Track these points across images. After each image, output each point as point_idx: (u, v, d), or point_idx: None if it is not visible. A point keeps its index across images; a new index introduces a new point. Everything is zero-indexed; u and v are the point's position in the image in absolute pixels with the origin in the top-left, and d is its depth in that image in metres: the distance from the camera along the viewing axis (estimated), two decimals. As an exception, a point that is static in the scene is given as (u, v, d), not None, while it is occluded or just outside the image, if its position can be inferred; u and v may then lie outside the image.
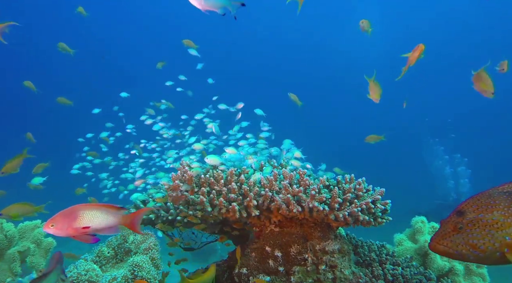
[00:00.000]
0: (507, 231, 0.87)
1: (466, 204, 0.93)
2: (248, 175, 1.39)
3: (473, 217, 0.91)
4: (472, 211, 0.92)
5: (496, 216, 0.89)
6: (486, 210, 0.91)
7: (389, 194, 1.43)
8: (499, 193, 0.93)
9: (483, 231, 0.89)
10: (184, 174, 1.35)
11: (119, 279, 1.25)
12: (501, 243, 0.87)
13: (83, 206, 0.93)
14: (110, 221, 0.93)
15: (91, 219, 0.91)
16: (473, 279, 1.74)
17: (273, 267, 1.29)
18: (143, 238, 1.47)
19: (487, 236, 0.88)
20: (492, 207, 0.91)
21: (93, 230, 0.92)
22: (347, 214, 1.24)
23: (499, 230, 0.88)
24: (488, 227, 0.89)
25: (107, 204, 0.94)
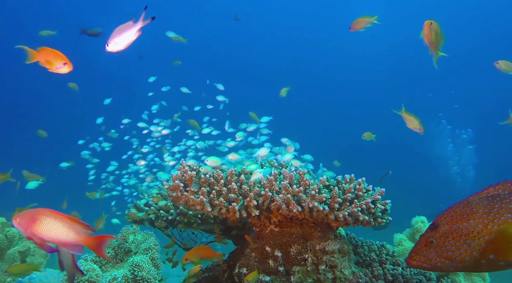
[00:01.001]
0: (488, 238, 0.86)
1: (441, 217, 0.93)
2: (250, 170, 1.40)
3: (446, 229, 0.90)
4: (446, 223, 0.92)
5: (473, 224, 0.88)
6: (461, 220, 0.90)
7: (391, 194, 1.43)
8: (480, 199, 0.93)
9: (458, 241, 0.88)
10: (184, 174, 1.35)
11: (119, 279, 1.25)
12: (483, 251, 0.86)
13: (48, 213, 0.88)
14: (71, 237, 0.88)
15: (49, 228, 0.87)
16: (473, 279, 1.74)
17: (273, 267, 1.29)
18: (143, 238, 1.47)
19: (462, 246, 0.87)
20: (468, 216, 0.90)
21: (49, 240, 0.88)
22: (347, 214, 1.24)
23: (476, 239, 0.87)
24: (464, 237, 0.88)
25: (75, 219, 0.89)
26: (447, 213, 0.92)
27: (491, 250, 0.85)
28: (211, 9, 13.68)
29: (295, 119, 12.56)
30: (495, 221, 0.86)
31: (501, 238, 0.85)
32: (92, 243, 0.91)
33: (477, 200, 0.92)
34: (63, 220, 0.88)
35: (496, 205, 0.88)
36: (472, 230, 0.87)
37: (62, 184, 4.92)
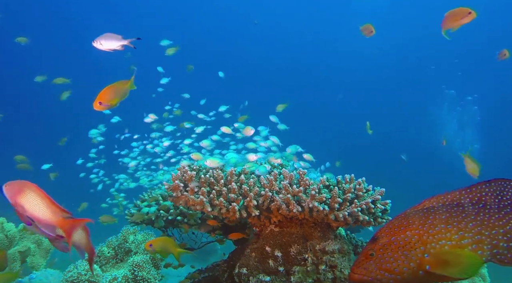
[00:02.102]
0: (424, 249, 0.88)
1: (380, 230, 0.94)
2: (251, 170, 1.40)
3: (385, 241, 0.92)
4: (385, 235, 0.93)
5: (409, 235, 0.90)
6: (398, 232, 0.92)
7: (391, 194, 1.43)
8: (416, 211, 0.95)
9: (396, 253, 0.90)
10: (184, 174, 1.35)
11: (119, 279, 1.25)
12: (420, 262, 0.87)
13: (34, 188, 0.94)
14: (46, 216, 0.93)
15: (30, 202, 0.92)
16: (473, 279, 1.74)
17: (273, 267, 1.29)
18: (143, 238, 1.47)
19: (400, 258, 0.89)
20: (405, 228, 0.92)
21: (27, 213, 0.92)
22: (347, 214, 1.24)
23: (413, 250, 0.88)
24: (401, 249, 0.89)
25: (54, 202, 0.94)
26: (386, 226, 0.95)
27: (427, 261, 0.87)
28: (215, 10, 13.67)
29: (295, 119, 12.50)
30: (429, 231, 0.89)
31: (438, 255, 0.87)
32: (64, 225, 0.95)
33: (413, 213, 0.94)
34: (44, 198, 0.93)
35: (430, 216, 0.91)
36: (409, 241, 0.89)
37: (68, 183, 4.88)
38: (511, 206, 0.90)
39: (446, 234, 0.87)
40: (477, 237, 0.87)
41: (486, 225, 0.88)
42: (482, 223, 0.88)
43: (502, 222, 0.88)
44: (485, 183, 0.93)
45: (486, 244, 0.86)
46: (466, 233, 0.87)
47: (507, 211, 0.90)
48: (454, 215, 0.90)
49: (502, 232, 0.87)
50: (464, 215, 0.90)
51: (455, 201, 0.94)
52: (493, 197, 0.93)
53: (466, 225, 0.88)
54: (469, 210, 0.90)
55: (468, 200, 0.93)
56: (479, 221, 0.89)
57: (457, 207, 0.92)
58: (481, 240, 0.87)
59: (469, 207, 0.91)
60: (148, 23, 13.63)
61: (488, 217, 0.89)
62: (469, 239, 0.87)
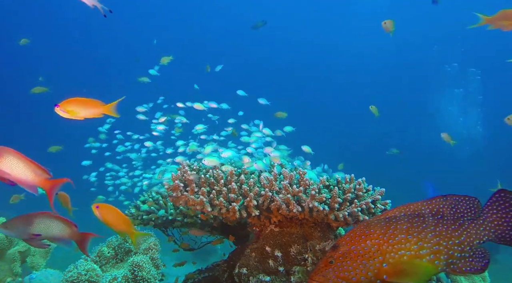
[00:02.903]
0: (382, 259, 0.89)
1: (341, 238, 0.96)
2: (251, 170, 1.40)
3: (345, 249, 0.93)
4: (345, 243, 0.94)
5: (369, 245, 0.91)
6: (358, 240, 0.93)
7: (391, 194, 1.43)
8: (378, 220, 0.96)
9: (354, 262, 0.90)
10: (184, 174, 1.35)
11: (119, 279, 1.25)
12: (378, 271, 0.89)
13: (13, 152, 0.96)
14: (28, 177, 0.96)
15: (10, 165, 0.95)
16: (473, 279, 1.74)
17: (273, 267, 1.29)
18: (143, 238, 1.47)
19: (359, 267, 0.90)
20: (365, 236, 0.93)
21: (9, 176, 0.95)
22: (347, 214, 1.24)
23: (372, 259, 0.89)
24: (360, 258, 0.90)
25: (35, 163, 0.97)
26: (348, 234, 0.96)
27: (385, 271, 0.89)
28: (216, 10, 13.67)
29: (296, 119, 12.50)
30: (389, 241, 0.91)
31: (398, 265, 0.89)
32: (46, 185, 0.98)
33: (376, 222, 0.96)
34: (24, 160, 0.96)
35: (391, 226, 0.93)
36: (368, 250, 0.91)
37: None
38: (463, 218, 0.94)
39: (405, 244, 0.89)
40: (435, 247, 0.89)
41: (444, 236, 0.91)
42: (441, 234, 0.91)
43: (457, 233, 0.92)
44: (442, 197, 0.96)
45: (443, 254, 0.89)
46: (425, 243, 0.90)
47: (460, 223, 0.93)
48: (415, 225, 0.92)
49: (457, 243, 0.90)
50: (424, 225, 0.92)
51: (416, 212, 0.96)
52: (449, 209, 0.96)
53: (425, 235, 0.90)
54: (429, 221, 0.93)
55: (428, 211, 0.96)
56: (437, 231, 0.91)
57: (418, 218, 0.94)
58: (439, 250, 0.89)
59: (429, 218, 0.94)
60: (148, 23, 13.64)
61: (445, 228, 0.92)
62: (427, 249, 0.89)
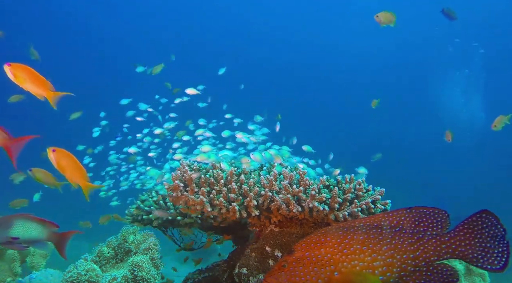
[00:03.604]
0: (335, 267, 0.91)
1: (298, 243, 0.98)
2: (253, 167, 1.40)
3: (299, 255, 0.95)
4: (301, 249, 0.96)
5: (323, 253, 0.93)
6: (313, 247, 0.95)
7: (391, 194, 1.42)
8: (337, 229, 0.97)
9: (306, 268, 0.92)
10: (184, 174, 1.34)
11: (119, 279, 1.25)
12: (328, 280, 0.90)
13: None
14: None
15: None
16: (474, 279, 1.74)
17: (273, 267, 1.29)
18: (143, 238, 1.47)
19: (310, 273, 0.91)
20: (320, 244, 0.95)
21: None
22: (347, 214, 1.24)
23: (324, 267, 0.91)
24: (313, 265, 0.92)
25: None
26: (304, 240, 0.98)
27: (336, 280, 0.90)
28: (216, 9, 13.66)
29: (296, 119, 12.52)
30: (344, 251, 0.92)
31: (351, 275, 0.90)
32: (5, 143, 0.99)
33: (334, 230, 0.97)
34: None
35: (348, 236, 0.94)
36: (322, 258, 0.92)
37: None
38: (424, 233, 0.94)
39: (359, 255, 0.91)
40: (389, 260, 0.90)
41: (399, 249, 0.91)
42: (396, 247, 0.92)
43: (413, 247, 0.92)
44: (406, 209, 0.97)
45: (396, 267, 0.90)
46: (379, 255, 0.90)
47: (419, 237, 0.93)
48: (372, 237, 0.93)
49: (412, 257, 0.91)
50: (381, 237, 0.93)
51: (375, 223, 0.97)
52: (411, 222, 0.96)
53: (380, 247, 0.91)
54: (386, 233, 0.94)
55: (388, 223, 0.96)
56: (393, 244, 0.92)
57: (376, 229, 0.95)
58: (392, 263, 0.90)
59: (387, 230, 0.94)
60: (148, 23, 13.64)
61: (402, 241, 0.92)
62: (381, 261, 0.90)
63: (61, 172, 1.11)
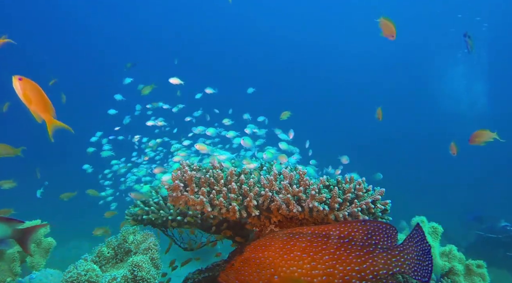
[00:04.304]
0: (275, 271, 0.93)
1: (249, 244, 1.02)
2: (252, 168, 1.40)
3: (247, 256, 0.99)
4: (249, 250, 1.00)
5: (266, 256, 0.96)
6: (259, 250, 0.98)
7: (391, 194, 1.42)
8: (284, 234, 1.00)
9: (251, 269, 0.97)
10: (184, 174, 1.34)
11: (119, 279, 1.25)
12: (268, 282, 0.93)
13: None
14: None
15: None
16: (473, 279, 1.74)
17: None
18: (143, 238, 1.47)
19: (253, 274, 0.95)
20: (265, 247, 0.98)
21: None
22: (347, 214, 1.24)
23: (265, 269, 0.94)
24: (256, 266, 0.96)
25: None
26: (254, 242, 1.02)
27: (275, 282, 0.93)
28: (216, 9, 13.67)
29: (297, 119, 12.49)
30: (284, 256, 0.94)
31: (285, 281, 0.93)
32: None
33: (281, 235, 1.00)
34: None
35: (291, 242, 0.97)
36: (264, 261, 0.96)
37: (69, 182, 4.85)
38: (375, 246, 0.95)
39: (298, 262, 0.92)
40: (330, 270, 0.90)
41: (343, 260, 0.91)
42: (339, 258, 0.92)
43: (360, 260, 0.92)
44: (361, 221, 0.98)
45: (337, 278, 0.90)
46: (319, 264, 0.91)
47: (369, 250, 0.94)
48: (314, 245, 0.94)
49: (357, 270, 0.91)
50: (325, 246, 0.94)
51: (324, 231, 0.98)
52: (363, 235, 0.97)
53: (322, 256, 0.92)
54: (332, 242, 0.94)
55: (338, 233, 0.97)
56: (336, 255, 0.92)
57: (322, 238, 0.96)
58: (333, 273, 0.90)
59: (334, 240, 0.95)
60: (148, 23, 13.63)
61: (347, 253, 0.93)
62: (320, 270, 0.91)
63: (25, 103, 1.02)
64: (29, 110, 1.04)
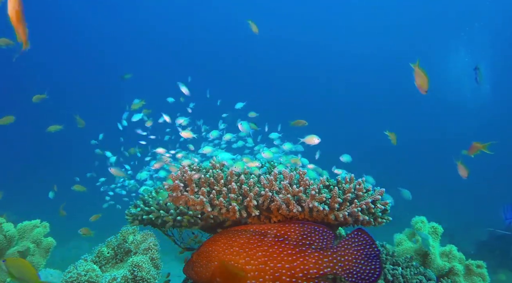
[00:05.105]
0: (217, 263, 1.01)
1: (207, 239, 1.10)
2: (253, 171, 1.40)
3: (202, 249, 1.07)
4: (204, 245, 1.08)
5: (213, 249, 1.04)
6: (210, 244, 1.06)
7: (391, 194, 1.42)
8: (229, 231, 1.07)
9: (202, 261, 1.05)
10: (184, 174, 1.34)
11: (119, 280, 1.25)
12: (212, 273, 1.00)
13: None
14: None
15: None
16: (473, 279, 1.74)
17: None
18: (143, 238, 1.47)
19: (203, 267, 1.04)
20: (215, 242, 1.05)
21: None
22: (347, 214, 1.24)
23: (211, 262, 1.02)
24: (206, 259, 1.04)
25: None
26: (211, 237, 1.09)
27: (217, 274, 1.00)
28: (214, 10, 13.69)
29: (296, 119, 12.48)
30: (225, 250, 1.02)
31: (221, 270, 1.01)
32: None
33: (228, 231, 1.08)
34: None
35: (233, 238, 1.04)
36: (211, 254, 1.03)
37: None
38: (308, 247, 1.00)
39: (236, 257, 0.99)
40: (261, 266, 0.96)
41: (274, 257, 0.97)
42: (271, 255, 0.98)
43: (291, 258, 0.97)
44: (299, 223, 1.05)
45: (268, 274, 0.95)
46: (252, 260, 0.97)
47: (301, 249, 0.99)
48: (251, 242, 1.01)
49: (287, 267, 0.95)
50: (260, 244, 1.00)
51: (263, 230, 1.04)
52: (298, 235, 1.02)
53: (255, 253, 0.98)
54: (267, 241, 1.00)
55: (274, 232, 1.03)
56: (269, 252, 0.98)
57: (259, 236, 1.02)
58: (264, 269, 0.96)
59: (269, 238, 1.01)
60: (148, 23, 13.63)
61: (280, 251, 0.98)
62: (253, 265, 0.97)
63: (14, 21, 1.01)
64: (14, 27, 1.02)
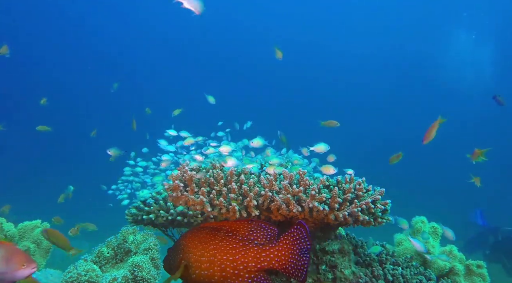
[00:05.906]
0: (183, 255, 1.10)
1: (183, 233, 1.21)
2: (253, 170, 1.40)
3: (176, 243, 1.16)
4: (179, 239, 1.16)
5: (181, 243, 1.12)
6: (182, 238, 1.14)
7: (392, 194, 1.42)
8: (198, 228, 1.15)
9: (174, 252, 1.15)
10: (184, 174, 1.34)
11: (119, 280, 1.25)
12: (178, 263, 1.10)
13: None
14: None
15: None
16: (473, 279, 1.74)
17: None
18: (143, 238, 1.47)
19: (175, 256, 1.13)
20: (184, 236, 1.14)
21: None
22: (347, 214, 1.24)
23: (179, 254, 1.11)
24: (176, 251, 1.13)
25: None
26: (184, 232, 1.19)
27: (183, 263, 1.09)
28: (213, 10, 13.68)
29: (297, 120, 12.53)
30: (188, 244, 1.11)
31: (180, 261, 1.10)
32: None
33: (196, 227, 1.16)
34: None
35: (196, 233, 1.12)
36: (179, 247, 1.12)
37: None
38: (250, 242, 1.08)
39: (193, 249, 1.09)
40: (211, 258, 1.06)
41: (221, 250, 1.07)
42: (220, 248, 1.07)
43: (235, 251, 1.06)
44: (248, 220, 1.13)
45: (216, 265, 1.05)
46: (206, 252, 1.07)
47: (244, 244, 1.07)
48: (207, 236, 1.10)
49: (231, 259, 1.05)
50: (213, 238, 1.10)
51: (219, 226, 1.13)
52: (246, 231, 1.10)
53: (208, 246, 1.08)
54: (219, 235, 1.10)
55: (227, 228, 1.12)
56: (218, 245, 1.08)
57: (214, 231, 1.11)
58: (213, 261, 1.06)
59: (221, 233, 1.10)
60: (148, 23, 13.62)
61: (227, 244, 1.08)
62: (206, 257, 1.07)
63: None
64: None
